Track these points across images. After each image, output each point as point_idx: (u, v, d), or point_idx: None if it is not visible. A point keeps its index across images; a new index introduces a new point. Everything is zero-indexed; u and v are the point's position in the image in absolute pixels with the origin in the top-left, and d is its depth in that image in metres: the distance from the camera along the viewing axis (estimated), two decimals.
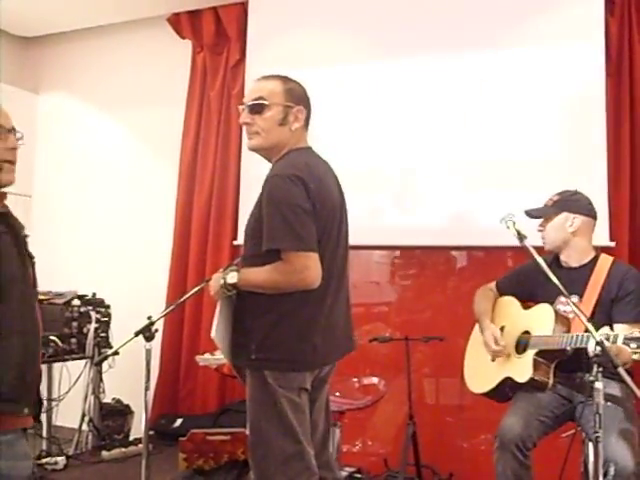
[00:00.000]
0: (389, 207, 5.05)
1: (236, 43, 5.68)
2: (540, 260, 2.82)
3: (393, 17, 5.06)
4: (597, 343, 2.53)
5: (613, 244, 4.32)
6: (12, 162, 2.20)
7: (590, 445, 3.33)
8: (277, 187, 2.59)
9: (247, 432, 2.72)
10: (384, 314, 5.27)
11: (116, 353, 3.69)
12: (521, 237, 2.84)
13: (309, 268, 2.56)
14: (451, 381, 4.89)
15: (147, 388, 3.29)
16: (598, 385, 2.51)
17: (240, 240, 5.32)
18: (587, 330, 2.92)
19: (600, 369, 2.52)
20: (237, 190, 5.57)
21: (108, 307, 5.47)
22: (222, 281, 2.70)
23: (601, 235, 4.19)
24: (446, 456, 4.67)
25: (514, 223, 2.90)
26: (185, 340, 5.70)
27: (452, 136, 4.85)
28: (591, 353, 2.66)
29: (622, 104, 4.58)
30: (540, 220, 3.51)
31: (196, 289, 3.37)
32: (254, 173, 4.92)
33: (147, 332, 3.19)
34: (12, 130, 2.21)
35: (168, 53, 6.07)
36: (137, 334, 3.22)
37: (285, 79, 2.83)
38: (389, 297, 5.30)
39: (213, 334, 2.70)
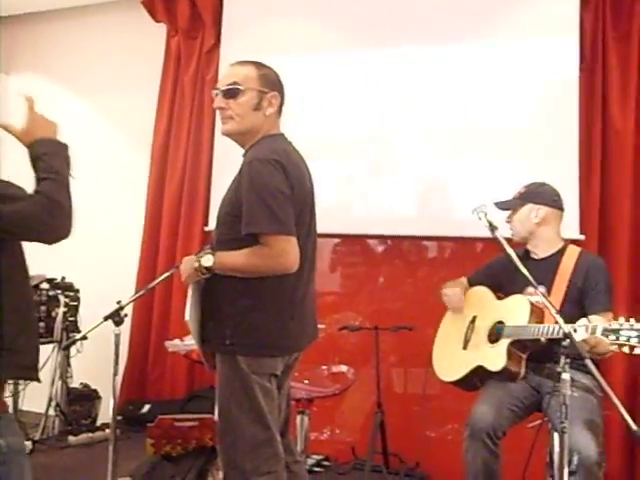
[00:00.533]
0: (359, 195, 5.06)
1: (211, 28, 5.65)
2: (509, 250, 2.83)
3: (371, 7, 5.07)
4: (565, 335, 2.54)
5: (583, 237, 4.37)
6: None
7: (555, 435, 3.38)
8: (258, 171, 2.58)
9: (216, 418, 2.72)
10: (354, 303, 5.28)
11: (84, 338, 3.70)
12: (492, 228, 2.85)
13: (288, 252, 2.57)
14: (419, 371, 4.91)
15: (115, 373, 3.29)
16: (565, 376, 2.52)
17: (212, 226, 5.31)
18: (562, 307, 3.01)
19: (568, 360, 2.53)
20: (209, 176, 5.55)
21: (77, 291, 5.43)
22: (197, 264, 2.67)
23: (571, 228, 4.24)
24: (413, 445, 4.70)
25: (486, 214, 2.90)
26: (154, 326, 5.68)
27: (426, 125, 4.87)
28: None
29: (595, 101, 4.61)
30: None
31: (167, 274, 3.37)
32: (227, 159, 4.90)
33: (116, 317, 3.19)
34: None
35: (142, 36, 6.01)
36: (106, 318, 3.22)
37: (259, 65, 2.83)
38: (359, 286, 5.31)
39: (187, 318, 2.71)
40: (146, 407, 5.47)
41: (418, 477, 4.56)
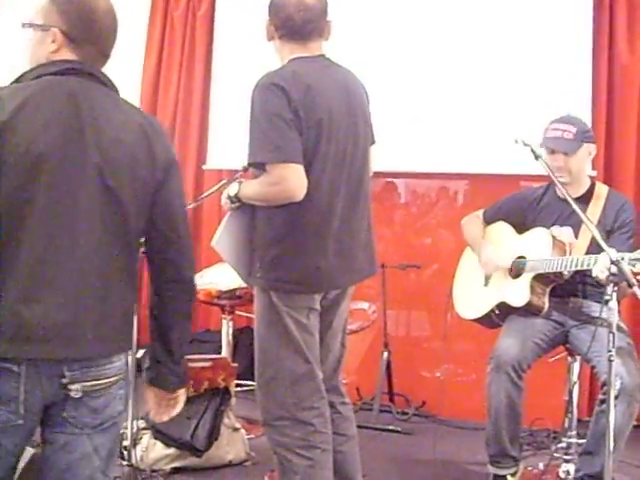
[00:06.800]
0: None
1: None
2: (556, 180, 2.77)
3: None
4: (612, 262, 2.48)
5: (595, 173, 4.28)
6: None
7: (575, 369, 3.39)
8: (255, 98, 2.53)
9: (255, 353, 2.65)
10: None
11: None
12: (537, 156, 2.76)
13: (287, 179, 2.47)
14: (421, 312, 4.89)
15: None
16: (613, 305, 2.47)
17: (210, 165, 5.18)
18: (587, 252, 2.96)
19: (616, 289, 2.48)
20: (204, 115, 5.32)
21: None
22: (226, 192, 2.70)
23: None
24: (417, 385, 4.69)
25: (527, 142, 2.81)
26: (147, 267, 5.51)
27: (426, 60, 4.74)
28: (598, 273, 2.70)
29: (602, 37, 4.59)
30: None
31: (211, 191, 3.39)
32: (226, 96, 4.77)
33: None
34: None
35: None
36: None
37: None
38: None
39: (214, 243, 2.68)
40: (140, 352, 5.34)
41: (425, 416, 4.54)
